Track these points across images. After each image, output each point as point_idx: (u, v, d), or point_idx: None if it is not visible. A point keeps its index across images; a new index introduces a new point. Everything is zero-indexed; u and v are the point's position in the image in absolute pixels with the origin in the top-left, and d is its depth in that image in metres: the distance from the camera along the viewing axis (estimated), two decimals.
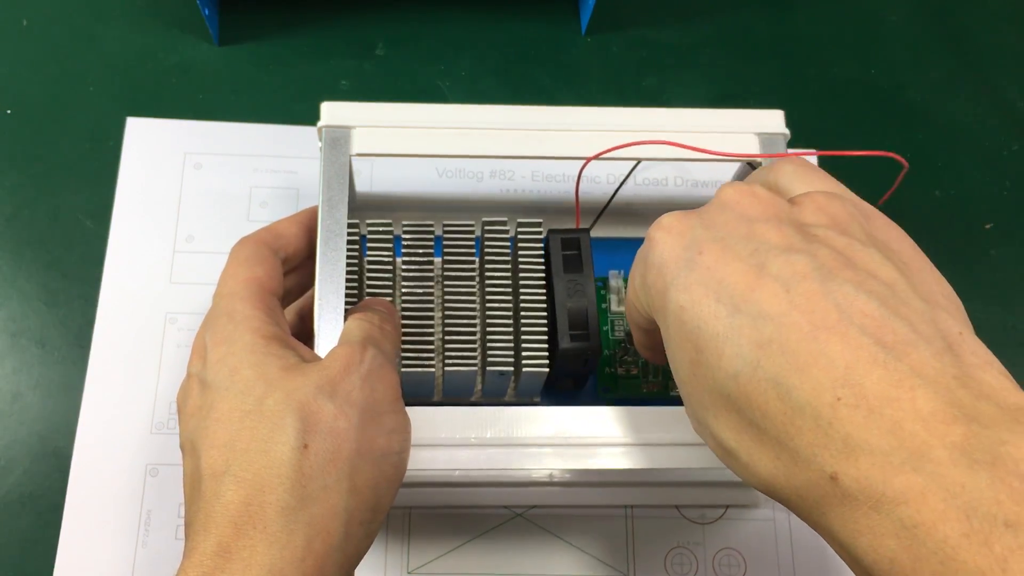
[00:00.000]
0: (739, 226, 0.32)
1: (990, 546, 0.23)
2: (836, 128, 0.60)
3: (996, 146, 0.61)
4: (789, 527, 0.49)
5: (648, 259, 0.34)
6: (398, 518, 0.48)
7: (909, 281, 0.30)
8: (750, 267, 0.30)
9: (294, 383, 0.35)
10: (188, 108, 0.57)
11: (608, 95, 0.60)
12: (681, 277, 0.32)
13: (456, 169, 0.56)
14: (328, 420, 0.35)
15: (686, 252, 0.32)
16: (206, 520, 0.33)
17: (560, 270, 0.44)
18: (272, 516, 0.32)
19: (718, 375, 0.30)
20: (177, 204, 0.54)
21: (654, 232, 0.34)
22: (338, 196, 0.43)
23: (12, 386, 0.51)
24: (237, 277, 0.40)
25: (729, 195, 0.34)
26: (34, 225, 0.54)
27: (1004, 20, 0.65)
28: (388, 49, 0.61)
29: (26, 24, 0.59)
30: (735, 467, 0.31)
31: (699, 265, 0.32)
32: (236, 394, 0.35)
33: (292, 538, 0.32)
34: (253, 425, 0.34)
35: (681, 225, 0.34)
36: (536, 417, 0.40)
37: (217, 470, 0.34)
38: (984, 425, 0.25)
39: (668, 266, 0.33)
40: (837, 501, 0.26)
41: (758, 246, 0.31)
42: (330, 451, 0.34)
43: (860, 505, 0.26)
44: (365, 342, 0.38)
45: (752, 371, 0.29)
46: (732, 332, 0.30)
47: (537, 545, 0.48)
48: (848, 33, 0.64)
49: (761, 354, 0.29)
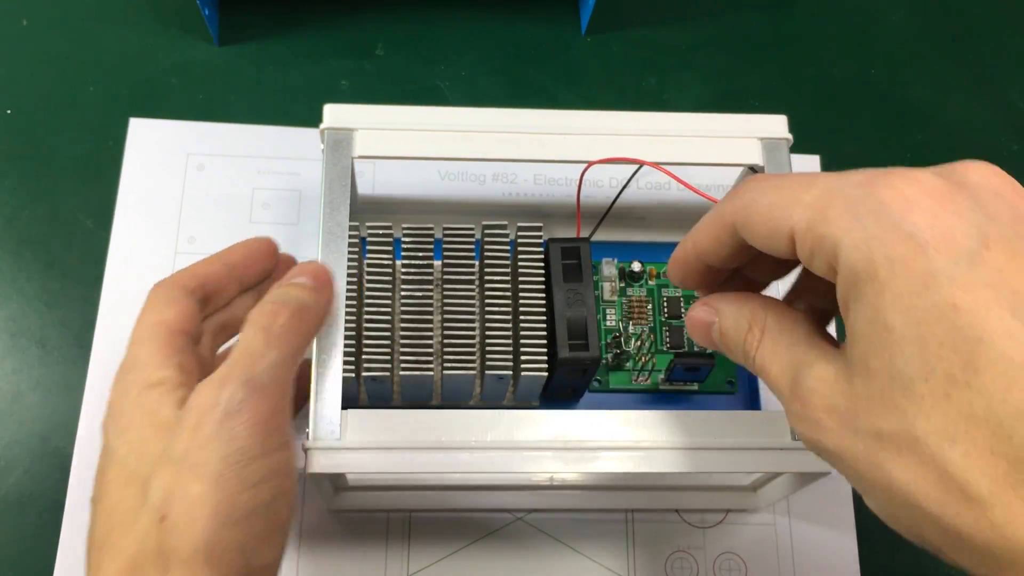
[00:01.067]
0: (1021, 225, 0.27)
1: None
2: (836, 128, 0.60)
3: (996, 146, 0.61)
4: (790, 532, 0.49)
5: (882, 209, 0.27)
6: (399, 521, 0.48)
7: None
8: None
9: (158, 446, 0.35)
10: (188, 108, 0.57)
11: (608, 95, 0.60)
12: (959, 270, 0.26)
13: (458, 172, 0.56)
14: (181, 487, 0.33)
15: (967, 240, 0.26)
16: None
17: (560, 279, 0.44)
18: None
19: (995, 406, 0.24)
20: (179, 205, 0.54)
21: (903, 185, 0.27)
22: (340, 198, 0.43)
23: (12, 386, 0.51)
24: (145, 323, 0.40)
25: (992, 181, 0.28)
26: (34, 225, 0.54)
27: (1004, 20, 0.65)
28: (388, 49, 0.61)
29: (26, 24, 0.59)
30: (964, 513, 0.25)
31: (986, 263, 0.26)
32: (119, 460, 0.36)
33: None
34: (128, 494, 0.34)
35: (952, 200, 0.27)
36: (536, 420, 0.40)
37: (98, 541, 0.34)
38: None
39: (937, 246, 0.26)
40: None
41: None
42: (185, 521, 0.33)
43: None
44: (227, 376, 0.36)
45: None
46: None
47: (537, 549, 0.48)
48: (848, 33, 0.64)
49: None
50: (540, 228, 0.46)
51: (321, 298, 0.40)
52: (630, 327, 0.51)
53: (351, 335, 0.43)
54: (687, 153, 0.45)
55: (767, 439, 0.40)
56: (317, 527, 0.48)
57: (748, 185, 0.33)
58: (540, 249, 0.45)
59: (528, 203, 0.55)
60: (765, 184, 0.32)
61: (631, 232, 0.52)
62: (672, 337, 0.51)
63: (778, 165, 0.45)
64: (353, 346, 0.44)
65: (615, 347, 0.50)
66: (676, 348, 0.50)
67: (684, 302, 0.51)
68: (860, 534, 0.50)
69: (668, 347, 0.50)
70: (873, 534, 0.50)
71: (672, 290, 0.52)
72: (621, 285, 0.52)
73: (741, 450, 0.40)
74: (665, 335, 0.51)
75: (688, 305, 0.51)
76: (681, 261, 0.37)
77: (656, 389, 0.50)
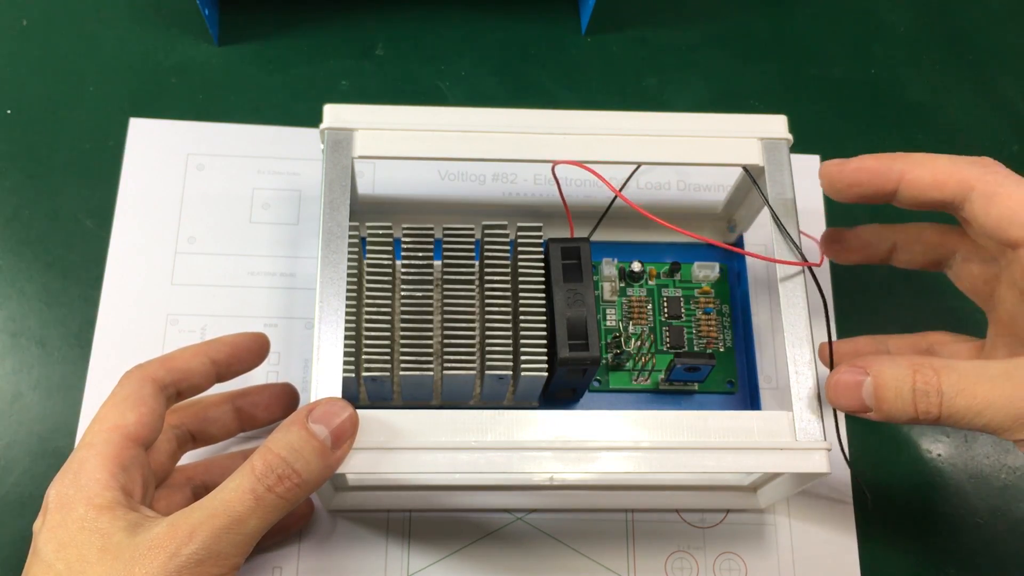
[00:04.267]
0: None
1: None
2: (836, 128, 0.60)
3: (996, 146, 0.61)
4: (790, 532, 0.49)
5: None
6: (398, 521, 0.48)
7: None
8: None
9: (98, 570, 0.35)
10: (188, 108, 0.57)
11: (608, 95, 0.60)
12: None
13: (458, 172, 0.56)
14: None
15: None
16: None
17: (560, 279, 0.44)
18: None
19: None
20: (179, 205, 0.54)
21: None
22: (340, 198, 0.43)
23: (12, 386, 0.51)
24: (103, 424, 0.39)
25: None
26: (34, 225, 0.54)
27: (1004, 20, 0.65)
28: (388, 49, 0.61)
29: (26, 24, 0.59)
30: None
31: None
32: (54, 574, 0.36)
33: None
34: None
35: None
36: (536, 420, 0.40)
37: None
38: None
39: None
40: None
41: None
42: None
43: None
44: (197, 529, 0.35)
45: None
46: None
47: (537, 549, 0.48)
48: (848, 33, 0.64)
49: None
50: (540, 228, 0.46)
51: (333, 461, 0.37)
52: (630, 327, 0.51)
53: (351, 335, 0.43)
54: (687, 153, 0.45)
55: (767, 439, 0.40)
56: (317, 527, 0.48)
57: (997, 168, 0.39)
58: (540, 249, 0.45)
59: (528, 203, 0.55)
60: (1016, 177, 0.39)
61: (631, 232, 0.52)
62: (672, 337, 0.51)
63: (778, 165, 0.45)
64: (353, 346, 0.44)
65: (615, 347, 0.50)
66: (676, 348, 0.50)
67: (684, 302, 0.51)
68: (860, 534, 0.50)
69: (668, 347, 0.50)
70: (873, 534, 0.50)
71: (672, 290, 0.52)
72: (621, 285, 0.52)
73: (741, 450, 0.40)
74: (665, 335, 0.51)
75: (689, 305, 0.51)
76: (875, 173, 0.40)
77: (656, 389, 0.50)
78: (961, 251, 0.44)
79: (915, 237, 0.46)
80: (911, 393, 0.36)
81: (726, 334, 0.51)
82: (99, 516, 0.36)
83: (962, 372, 0.36)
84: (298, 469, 0.36)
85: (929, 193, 0.40)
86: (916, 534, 0.51)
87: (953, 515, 0.51)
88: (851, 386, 0.38)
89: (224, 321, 0.52)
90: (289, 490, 0.36)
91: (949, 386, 0.36)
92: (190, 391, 0.43)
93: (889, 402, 0.37)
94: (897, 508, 0.51)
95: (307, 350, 0.51)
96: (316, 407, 0.37)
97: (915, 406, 0.36)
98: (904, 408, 0.36)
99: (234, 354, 0.44)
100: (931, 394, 0.36)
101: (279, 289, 0.53)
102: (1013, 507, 0.51)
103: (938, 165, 0.40)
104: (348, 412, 0.38)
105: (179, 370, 0.42)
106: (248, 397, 0.46)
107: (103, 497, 0.37)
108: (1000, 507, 0.51)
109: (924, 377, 0.36)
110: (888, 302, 0.55)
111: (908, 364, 0.37)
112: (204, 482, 0.45)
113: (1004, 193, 0.39)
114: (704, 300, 0.52)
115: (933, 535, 0.51)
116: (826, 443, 0.40)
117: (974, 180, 0.39)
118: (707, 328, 0.51)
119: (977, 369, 0.36)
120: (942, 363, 0.36)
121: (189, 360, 0.43)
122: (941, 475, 0.52)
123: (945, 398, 0.36)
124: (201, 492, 0.42)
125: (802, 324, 0.42)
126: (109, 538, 0.36)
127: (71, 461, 0.39)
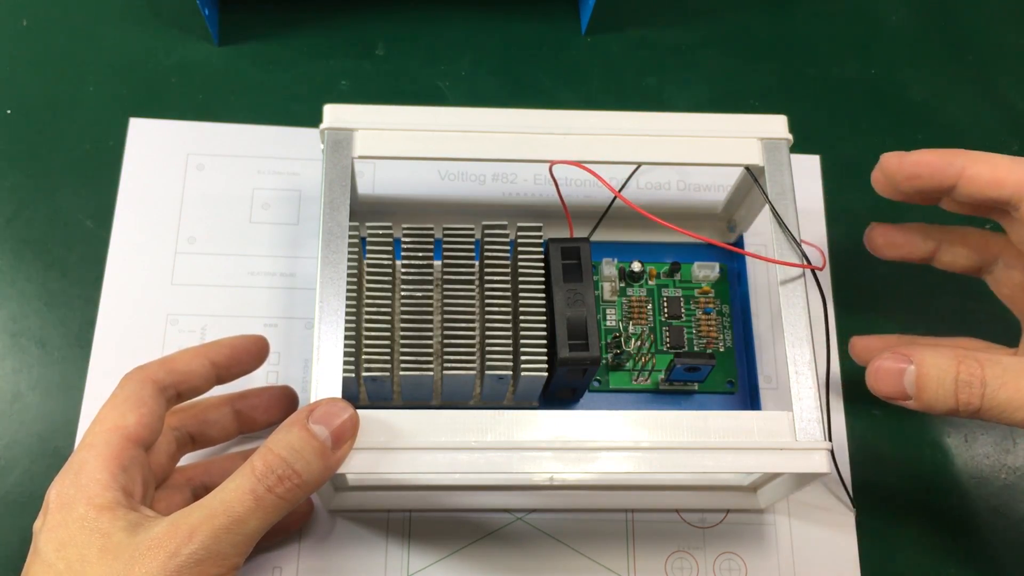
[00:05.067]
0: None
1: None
2: (836, 128, 0.60)
3: (996, 146, 0.60)
4: (790, 532, 0.49)
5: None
6: (398, 521, 0.48)
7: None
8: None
9: (98, 570, 0.35)
10: (188, 108, 0.57)
11: (608, 95, 0.60)
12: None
13: (458, 172, 0.56)
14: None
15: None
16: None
17: (560, 279, 0.44)
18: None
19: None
20: (179, 205, 0.54)
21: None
22: (340, 199, 0.43)
23: (12, 386, 0.51)
24: (103, 424, 0.39)
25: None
26: (34, 225, 0.54)
27: (1004, 20, 0.65)
28: (388, 49, 0.61)
29: (26, 24, 0.59)
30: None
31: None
32: (55, 573, 0.36)
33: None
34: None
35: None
36: (536, 421, 0.40)
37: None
38: None
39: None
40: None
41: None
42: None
43: None
44: (197, 528, 0.36)
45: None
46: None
47: (537, 549, 0.48)
48: (848, 33, 0.64)
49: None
50: (540, 228, 0.46)
51: (333, 462, 0.37)
52: (630, 327, 0.51)
53: (351, 335, 0.43)
54: (687, 153, 0.45)
55: (767, 439, 0.40)
56: (317, 527, 0.48)
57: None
58: (540, 249, 0.45)
59: (528, 203, 0.55)
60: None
61: (631, 232, 0.52)
62: (672, 337, 0.51)
63: (778, 165, 0.45)
64: (353, 346, 0.44)
65: (615, 347, 0.50)
66: (676, 348, 0.50)
67: (684, 302, 0.51)
68: (860, 534, 0.50)
69: (668, 347, 0.50)
70: (873, 534, 0.50)
71: (672, 290, 0.52)
72: (621, 285, 0.52)
73: (741, 450, 0.40)
74: (665, 335, 0.51)
75: (689, 305, 0.51)
76: (936, 168, 0.40)
77: (656, 389, 0.50)
78: (1005, 257, 0.44)
79: (960, 239, 0.46)
80: (953, 383, 0.36)
81: (726, 334, 0.51)
82: (99, 516, 0.36)
83: (1007, 366, 0.36)
84: (298, 470, 0.36)
85: (987, 191, 0.40)
86: (916, 534, 0.51)
87: (953, 515, 0.51)
88: (893, 373, 0.38)
89: (224, 321, 0.52)
90: (289, 491, 0.36)
91: (993, 378, 0.36)
92: (190, 393, 0.43)
93: (931, 391, 0.37)
94: (897, 508, 0.51)
95: (307, 350, 0.51)
96: (316, 407, 0.37)
97: (956, 397, 0.36)
98: (945, 398, 0.36)
99: (234, 356, 0.44)
100: (974, 385, 0.36)
101: (279, 289, 0.53)
102: (1013, 507, 0.51)
103: (999, 163, 0.40)
104: (348, 413, 0.37)
105: (179, 372, 0.42)
106: (247, 400, 0.46)
107: (104, 497, 0.37)
108: (1000, 507, 0.51)
109: (968, 368, 0.36)
110: (888, 303, 0.55)
111: (952, 355, 0.37)
112: (204, 483, 0.45)
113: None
114: (704, 300, 0.52)
115: (933, 535, 0.51)
116: (826, 443, 0.40)
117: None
118: (707, 328, 0.51)
119: (1021, 364, 0.36)
120: (986, 356, 0.37)
121: (189, 362, 0.43)
122: (941, 475, 0.52)
123: (988, 390, 0.36)
124: (201, 493, 0.42)
125: (802, 324, 0.42)
126: (109, 538, 0.36)
127: (71, 461, 0.39)
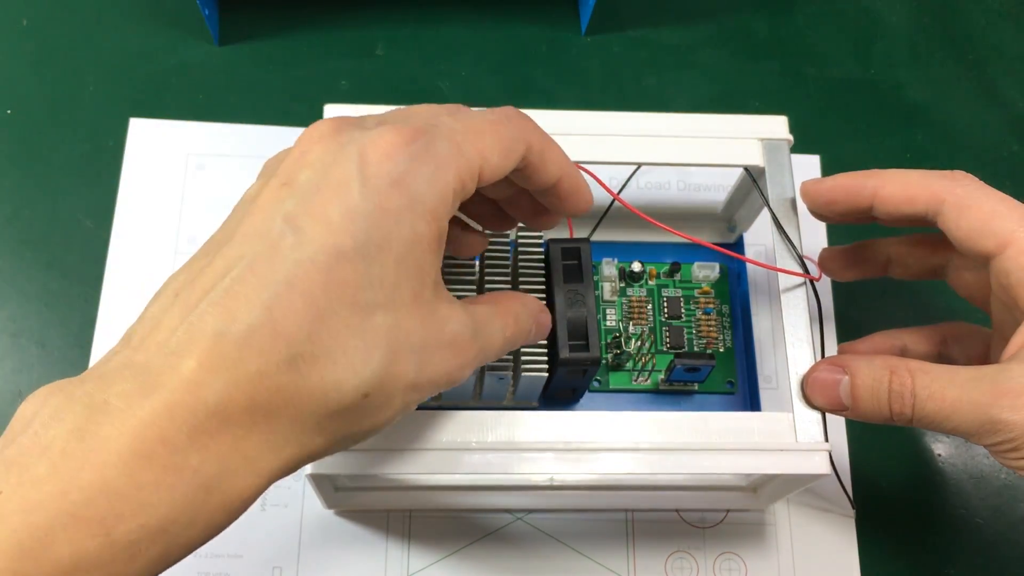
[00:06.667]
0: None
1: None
2: (836, 128, 0.60)
3: (996, 146, 0.61)
4: (790, 532, 0.49)
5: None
6: (399, 521, 0.48)
7: None
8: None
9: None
10: (188, 108, 0.57)
11: (608, 95, 0.60)
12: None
13: None
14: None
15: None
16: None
17: (560, 280, 0.44)
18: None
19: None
20: (179, 205, 0.54)
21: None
22: None
23: (12, 386, 0.51)
24: (457, 172, 0.31)
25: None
26: (34, 225, 0.54)
27: (1004, 20, 0.65)
28: (388, 49, 0.61)
29: (26, 24, 0.59)
30: None
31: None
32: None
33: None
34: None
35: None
36: (536, 421, 0.40)
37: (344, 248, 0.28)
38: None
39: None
40: None
41: None
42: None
43: None
44: (477, 300, 0.33)
45: None
46: None
47: (537, 549, 0.48)
48: (848, 33, 0.64)
49: None
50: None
51: (537, 337, 0.37)
52: (630, 327, 0.51)
53: None
54: (687, 154, 0.45)
55: (767, 440, 0.40)
56: (317, 527, 0.48)
57: (967, 181, 0.40)
58: (540, 249, 0.45)
59: None
60: (986, 188, 0.40)
61: (631, 232, 0.52)
62: (672, 337, 0.51)
63: (778, 166, 0.45)
64: None
65: (615, 347, 0.50)
66: (676, 348, 0.50)
67: (684, 302, 0.51)
68: (860, 534, 0.50)
69: (668, 347, 0.50)
70: (873, 534, 0.50)
71: (672, 290, 0.52)
72: (621, 285, 0.52)
73: (741, 451, 0.40)
74: (665, 335, 0.51)
75: (689, 306, 0.51)
76: (850, 191, 0.41)
77: (656, 389, 0.50)
78: (953, 261, 0.44)
79: (907, 250, 0.46)
80: (887, 394, 0.36)
81: (726, 334, 0.51)
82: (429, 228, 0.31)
83: (934, 376, 0.36)
84: (541, 327, 0.37)
85: (902, 208, 0.40)
86: (916, 534, 0.51)
87: (953, 515, 0.51)
88: (829, 384, 0.38)
89: None
90: (525, 335, 0.36)
91: (921, 389, 0.36)
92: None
93: (865, 401, 0.37)
94: (897, 508, 0.51)
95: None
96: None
97: (890, 407, 0.37)
98: (879, 408, 0.37)
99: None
100: (905, 396, 0.36)
101: None
102: (1013, 507, 0.51)
103: (910, 180, 0.40)
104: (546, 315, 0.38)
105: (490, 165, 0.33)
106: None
107: (434, 228, 0.31)
108: (1000, 507, 0.51)
109: (900, 379, 0.36)
110: (889, 304, 0.55)
111: (885, 365, 0.37)
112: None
113: (974, 205, 0.39)
114: (704, 300, 0.52)
115: (933, 535, 0.51)
116: (826, 444, 0.40)
117: (944, 193, 0.39)
118: (707, 328, 0.51)
119: (948, 374, 0.36)
120: (917, 365, 0.37)
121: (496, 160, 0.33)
122: (941, 475, 0.52)
123: (918, 401, 0.36)
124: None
125: (802, 325, 0.42)
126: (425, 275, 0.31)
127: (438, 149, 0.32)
